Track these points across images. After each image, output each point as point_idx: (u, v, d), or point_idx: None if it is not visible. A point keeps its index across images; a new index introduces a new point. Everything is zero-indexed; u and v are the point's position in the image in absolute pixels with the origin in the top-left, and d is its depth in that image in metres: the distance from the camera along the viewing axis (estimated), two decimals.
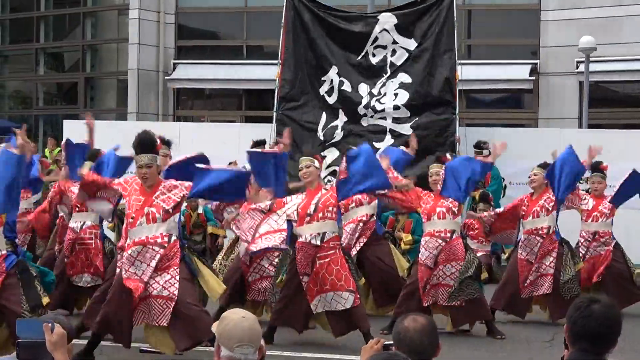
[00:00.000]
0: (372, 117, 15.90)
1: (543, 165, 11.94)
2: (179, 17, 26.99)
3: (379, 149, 15.68)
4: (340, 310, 9.60)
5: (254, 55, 25.89)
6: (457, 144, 15.55)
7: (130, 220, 8.81)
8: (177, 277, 8.69)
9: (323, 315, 9.87)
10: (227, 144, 16.36)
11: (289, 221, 9.68)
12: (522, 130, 20.13)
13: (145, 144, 8.91)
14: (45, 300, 8.48)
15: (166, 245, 8.75)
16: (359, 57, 16.11)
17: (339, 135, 15.92)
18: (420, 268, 10.59)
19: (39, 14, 30.01)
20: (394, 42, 16.01)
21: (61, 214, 11.79)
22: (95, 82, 29.54)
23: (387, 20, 16.07)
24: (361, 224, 11.65)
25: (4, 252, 8.37)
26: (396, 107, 15.81)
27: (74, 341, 4.51)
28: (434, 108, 15.77)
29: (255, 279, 10.79)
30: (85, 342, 8.90)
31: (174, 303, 8.60)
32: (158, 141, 9.28)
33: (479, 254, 12.13)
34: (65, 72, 30.73)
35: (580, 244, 12.58)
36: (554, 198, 11.59)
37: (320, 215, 9.72)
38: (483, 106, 24.49)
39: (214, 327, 4.29)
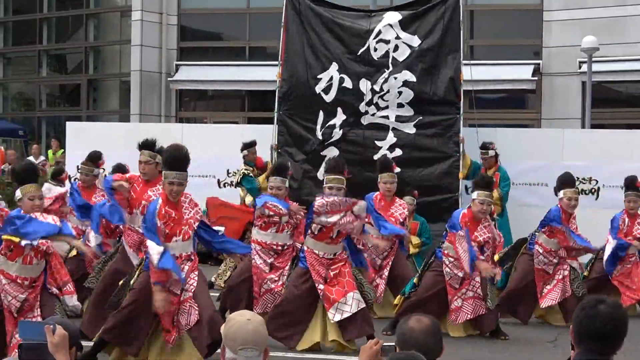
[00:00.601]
0: (373, 115, 15.82)
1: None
2: (182, 19, 27.01)
3: (380, 147, 15.67)
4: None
5: (256, 57, 25.90)
6: (461, 144, 15.52)
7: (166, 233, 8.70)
8: (196, 278, 8.67)
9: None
10: (229, 145, 16.35)
11: None
12: (525, 131, 20.11)
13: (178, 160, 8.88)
14: None
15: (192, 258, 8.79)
16: (360, 52, 16.02)
17: (337, 134, 15.85)
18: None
19: (41, 15, 30.05)
20: (397, 38, 15.93)
21: None
22: (98, 83, 29.57)
23: (391, 16, 16.02)
24: None
25: None
26: (400, 105, 15.74)
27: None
28: (438, 107, 15.71)
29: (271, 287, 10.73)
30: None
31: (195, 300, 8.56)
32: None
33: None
34: (68, 74, 30.77)
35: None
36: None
37: (340, 239, 9.87)
38: (486, 106, 24.48)
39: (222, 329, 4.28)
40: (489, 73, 22.20)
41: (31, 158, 22.94)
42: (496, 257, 12.64)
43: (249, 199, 14.79)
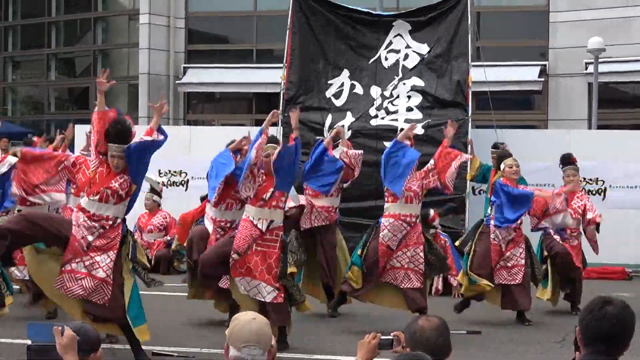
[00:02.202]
0: (383, 118, 15.87)
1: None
2: (189, 22, 27.04)
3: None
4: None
5: (263, 59, 25.91)
6: (469, 146, 15.49)
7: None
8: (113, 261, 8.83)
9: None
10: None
11: None
12: (532, 132, 20.09)
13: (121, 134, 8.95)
14: (9, 301, 8.48)
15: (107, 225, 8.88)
16: (371, 61, 16.09)
17: (346, 134, 15.87)
18: (382, 248, 10.75)
19: (50, 19, 30.10)
20: (407, 47, 16.01)
21: None
22: None
23: (402, 26, 16.10)
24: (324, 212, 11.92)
25: None
26: (409, 109, 15.80)
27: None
28: (446, 110, 15.74)
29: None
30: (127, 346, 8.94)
31: (110, 287, 8.72)
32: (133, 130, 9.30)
33: None
34: (76, 77, 30.84)
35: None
36: None
37: (274, 203, 9.74)
38: (492, 108, 24.44)
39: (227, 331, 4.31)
40: (495, 74, 22.17)
41: None
42: (457, 243, 12.81)
43: None
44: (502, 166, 11.78)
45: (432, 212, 13.72)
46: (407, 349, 4.29)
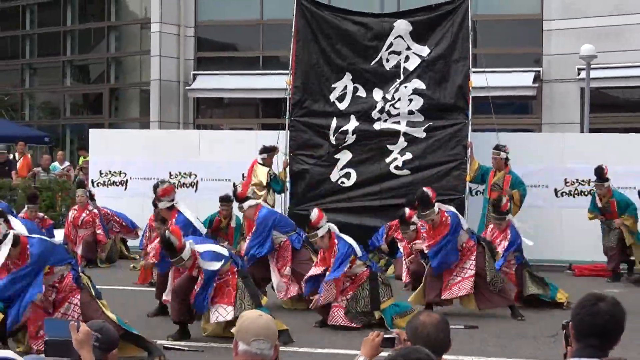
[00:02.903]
0: (385, 121, 15.83)
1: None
2: (198, 30, 27.06)
3: (392, 151, 15.66)
4: None
5: (269, 66, 25.91)
6: (469, 149, 15.51)
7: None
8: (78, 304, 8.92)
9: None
10: (244, 150, 16.38)
11: None
12: (527, 135, 20.06)
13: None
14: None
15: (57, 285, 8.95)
16: (373, 63, 16.02)
17: (350, 138, 15.86)
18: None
19: (65, 28, 30.15)
20: (408, 49, 15.91)
21: None
22: (119, 92, 29.65)
23: (403, 27, 15.97)
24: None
25: None
26: (411, 112, 15.75)
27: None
28: (447, 113, 15.71)
29: None
30: None
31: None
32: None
33: None
34: (90, 83, 30.86)
35: None
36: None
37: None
38: (488, 112, 24.43)
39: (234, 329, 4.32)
40: (492, 80, 22.12)
41: (56, 164, 22.99)
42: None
43: (270, 199, 14.87)
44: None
45: (407, 210, 13.61)
46: (408, 343, 4.31)
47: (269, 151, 15.39)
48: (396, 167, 15.68)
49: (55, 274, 8.90)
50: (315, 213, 10.72)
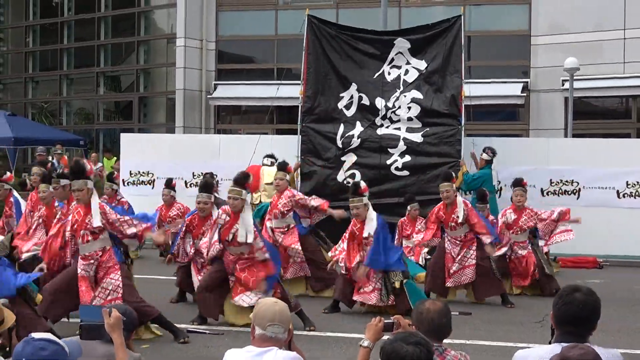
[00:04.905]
0: (387, 127, 15.86)
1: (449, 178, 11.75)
2: (219, 44, 27.08)
3: (393, 154, 15.66)
4: None
5: (283, 77, 25.88)
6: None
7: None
8: (120, 280, 8.63)
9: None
10: (260, 153, 16.38)
11: None
12: (515, 140, 20.03)
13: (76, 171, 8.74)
14: (39, 297, 8.43)
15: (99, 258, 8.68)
16: (376, 75, 16.06)
17: (355, 142, 15.88)
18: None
19: (99, 42, 30.23)
20: (407, 63, 15.97)
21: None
22: (147, 100, 29.69)
23: (402, 44, 16.06)
24: (280, 235, 11.94)
25: None
26: (409, 119, 15.78)
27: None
28: (442, 120, 15.73)
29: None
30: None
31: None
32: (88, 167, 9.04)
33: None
34: (122, 92, 30.91)
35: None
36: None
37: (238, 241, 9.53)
38: (481, 119, 24.43)
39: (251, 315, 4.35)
40: (484, 90, 22.15)
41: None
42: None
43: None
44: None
45: (362, 184, 13.51)
46: (413, 327, 4.33)
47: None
48: (396, 169, 15.68)
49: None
50: (364, 184, 10.67)
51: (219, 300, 9.70)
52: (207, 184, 11.19)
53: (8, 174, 12.64)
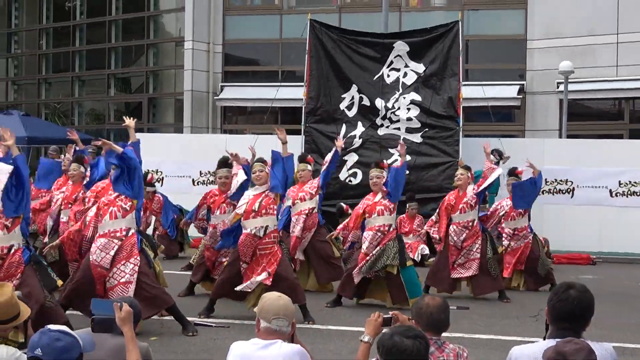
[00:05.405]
0: (387, 127, 15.87)
1: (466, 167, 11.70)
2: (226, 47, 27.07)
3: (393, 154, 15.66)
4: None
5: (287, 79, 25.89)
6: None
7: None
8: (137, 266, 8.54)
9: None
10: (265, 152, 16.35)
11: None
12: (512, 140, 20.01)
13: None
14: (59, 282, 8.42)
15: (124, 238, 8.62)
16: (376, 77, 16.08)
17: (357, 142, 15.90)
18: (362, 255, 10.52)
19: (110, 45, 30.22)
20: (406, 66, 15.98)
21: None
22: (156, 101, 29.68)
23: (401, 47, 16.06)
24: (304, 216, 11.76)
25: (20, 246, 8.09)
26: (409, 119, 15.80)
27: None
28: (440, 121, 15.73)
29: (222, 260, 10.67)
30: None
31: (134, 285, 8.45)
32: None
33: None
34: (132, 93, 30.91)
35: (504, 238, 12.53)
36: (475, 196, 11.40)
37: (263, 211, 9.56)
38: (479, 120, 24.40)
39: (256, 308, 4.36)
40: (481, 92, 22.13)
41: None
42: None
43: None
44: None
45: (343, 205, 13.76)
46: (412, 321, 4.34)
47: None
48: None
49: None
50: (386, 161, 10.98)
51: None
52: (226, 160, 11.20)
53: None
